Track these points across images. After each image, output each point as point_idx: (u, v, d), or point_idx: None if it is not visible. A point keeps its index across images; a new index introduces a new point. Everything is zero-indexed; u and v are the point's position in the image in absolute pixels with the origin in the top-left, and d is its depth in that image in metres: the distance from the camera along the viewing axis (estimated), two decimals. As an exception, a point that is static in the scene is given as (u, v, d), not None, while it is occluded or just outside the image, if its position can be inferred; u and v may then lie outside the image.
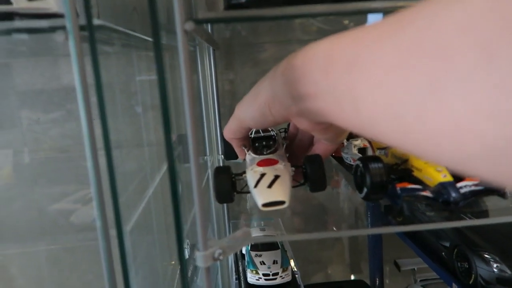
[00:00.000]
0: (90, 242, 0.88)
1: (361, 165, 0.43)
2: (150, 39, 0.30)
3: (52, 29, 0.32)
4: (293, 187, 0.38)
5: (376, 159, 0.44)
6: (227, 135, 0.37)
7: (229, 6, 0.32)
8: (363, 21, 0.93)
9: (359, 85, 0.19)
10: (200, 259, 0.33)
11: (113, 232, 0.34)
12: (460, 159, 0.15)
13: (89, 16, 0.30)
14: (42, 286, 0.94)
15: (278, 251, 0.64)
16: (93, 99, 0.32)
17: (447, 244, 0.57)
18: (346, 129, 0.25)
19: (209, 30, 0.80)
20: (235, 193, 0.42)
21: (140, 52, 0.68)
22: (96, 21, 0.33)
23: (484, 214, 0.47)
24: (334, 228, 1.03)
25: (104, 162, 0.32)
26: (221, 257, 0.34)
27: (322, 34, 0.92)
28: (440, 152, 0.16)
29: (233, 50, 0.92)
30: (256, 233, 0.68)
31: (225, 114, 0.91)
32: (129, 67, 0.69)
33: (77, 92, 0.31)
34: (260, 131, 0.50)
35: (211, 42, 0.69)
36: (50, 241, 0.93)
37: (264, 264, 0.60)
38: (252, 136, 0.49)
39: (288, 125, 0.61)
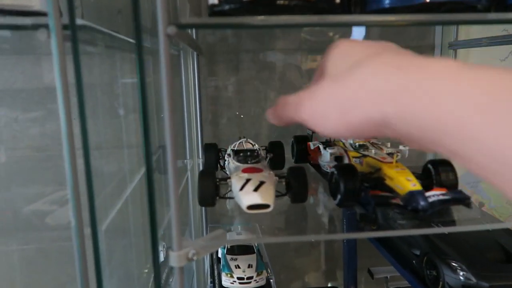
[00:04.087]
0: (64, 243, 0.87)
1: (335, 172, 0.44)
2: (133, 41, 0.31)
3: (35, 27, 0.32)
4: (276, 196, 0.39)
5: (350, 167, 0.45)
6: (276, 121, 0.33)
7: (213, 13, 0.33)
8: (348, 34, 0.96)
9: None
10: (174, 258, 0.34)
11: (87, 232, 0.34)
12: None
13: (72, 16, 0.31)
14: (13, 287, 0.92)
15: (254, 256, 0.64)
16: (74, 99, 0.32)
17: (418, 253, 0.59)
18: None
19: (194, 36, 0.81)
20: (217, 197, 0.42)
21: (125, 55, 0.68)
22: (79, 21, 0.34)
23: (453, 224, 0.49)
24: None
25: (82, 163, 0.32)
26: (195, 257, 0.34)
27: (307, 44, 0.94)
28: None
29: (217, 56, 0.92)
30: (232, 237, 0.69)
31: (207, 118, 0.91)
32: (113, 69, 0.69)
33: (57, 91, 0.31)
34: (244, 145, 0.51)
35: (194, 47, 0.70)
36: (23, 241, 0.91)
37: (239, 267, 0.61)
38: (236, 149, 0.51)
39: (269, 143, 0.62)
